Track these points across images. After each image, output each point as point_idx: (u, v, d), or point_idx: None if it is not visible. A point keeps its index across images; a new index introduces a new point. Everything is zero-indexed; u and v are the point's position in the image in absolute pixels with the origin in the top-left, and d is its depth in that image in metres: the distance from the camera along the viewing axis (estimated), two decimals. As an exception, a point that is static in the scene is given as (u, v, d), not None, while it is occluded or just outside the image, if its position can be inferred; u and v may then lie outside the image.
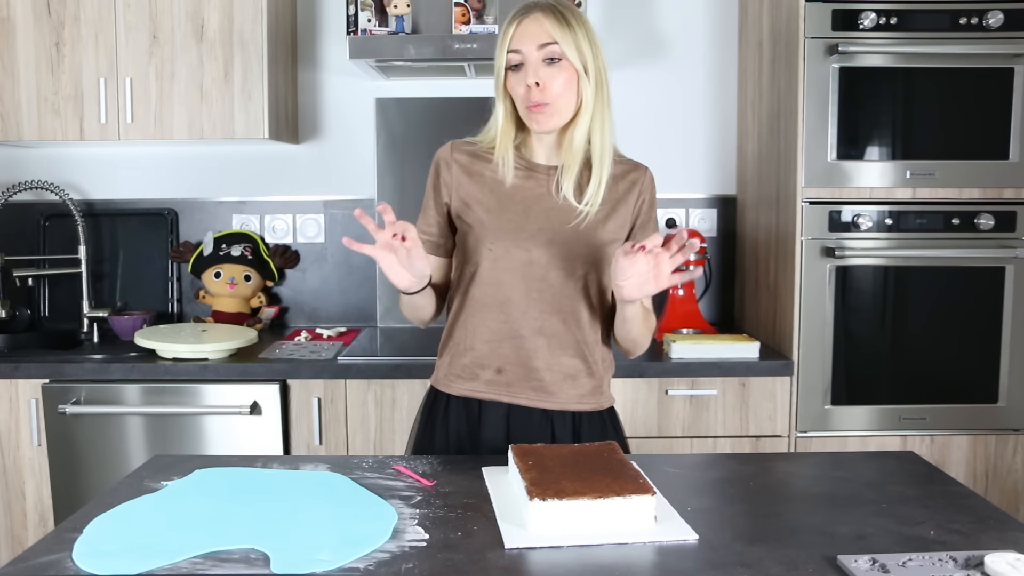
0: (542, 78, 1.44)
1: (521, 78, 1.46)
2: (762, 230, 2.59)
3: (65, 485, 2.31)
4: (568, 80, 1.45)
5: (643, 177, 1.57)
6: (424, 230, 1.60)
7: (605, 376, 1.59)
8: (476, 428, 1.54)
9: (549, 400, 1.53)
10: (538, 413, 1.53)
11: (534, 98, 1.45)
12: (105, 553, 1.08)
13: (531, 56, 1.44)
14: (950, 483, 1.35)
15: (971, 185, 2.31)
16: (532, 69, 1.44)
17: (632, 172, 1.56)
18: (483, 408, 1.54)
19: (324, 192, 2.89)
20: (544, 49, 1.44)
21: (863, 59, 2.27)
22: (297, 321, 2.92)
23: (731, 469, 1.43)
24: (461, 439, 1.55)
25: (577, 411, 1.55)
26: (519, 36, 1.45)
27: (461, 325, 1.55)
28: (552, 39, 1.43)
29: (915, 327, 2.33)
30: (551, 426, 1.54)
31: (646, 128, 2.84)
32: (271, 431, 2.29)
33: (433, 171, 1.59)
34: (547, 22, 1.44)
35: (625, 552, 1.09)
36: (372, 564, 1.05)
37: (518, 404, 1.53)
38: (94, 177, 2.88)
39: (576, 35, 1.45)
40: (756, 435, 2.33)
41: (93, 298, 2.76)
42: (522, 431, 1.53)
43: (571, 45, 1.44)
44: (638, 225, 1.57)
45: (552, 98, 1.45)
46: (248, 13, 2.48)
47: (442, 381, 1.59)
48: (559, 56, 1.44)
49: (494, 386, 1.53)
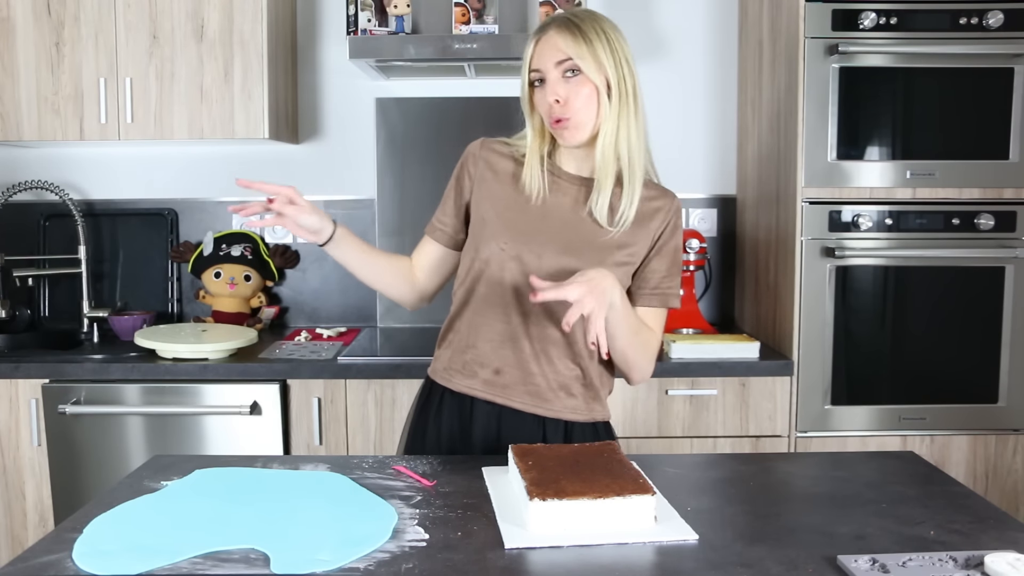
0: (562, 94, 1.44)
1: (543, 94, 1.47)
2: (762, 230, 2.59)
3: (65, 485, 2.31)
4: (590, 94, 1.45)
5: (669, 205, 1.54)
6: (441, 219, 1.61)
7: (601, 390, 1.58)
8: (468, 426, 1.54)
9: (542, 406, 1.53)
10: (530, 418, 1.53)
11: (555, 113, 1.46)
12: (105, 553, 1.08)
13: (550, 74, 1.45)
14: (950, 483, 1.35)
15: (971, 185, 2.31)
16: (552, 87, 1.45)
17: (658, 199, 1.53)
18: (476, 406, 1.54)
19: (324, 192, 2.89)
20: (561, 65, 1.44)
21: (863, 59, 2.27)
22: (297, 321, 2.92)
23: (731, 469, 1.43)
24: (453, 436, 1.55)
25: (569, 420, 1.54)
26: (538, 55, 1.47)
27: (465, 320, 1.55)
28: (566, 55, 1.44)
29: (915, 327, 2.33)
30: (543, 431, 1.53)
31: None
32: (271, 431, 2.29)
33: (460, 163, 1.60)
34: (560, 40, 1.44)
35: (625, 552, 1.09)
36: (372, 564, 1.05)
37: (511, 407, 1.53)
38: (94, 177, 2.88)
39: (594, 48, 1.44)
40: (756, 435, 2.33)
41: (93, 298, 2.76)
42: (513, 434, 1.52)
43: (588, 59, 1.43)
44: (653, 253, 1.53)
45: (572, 112, 1.45)
46: (248, 13, 2.48)
47: (440, 374, 1.59)
48: (577, 70, 1.44)
49: (491, 386, 1.53)
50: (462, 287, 1.56)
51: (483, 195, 1.55)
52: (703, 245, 2.59)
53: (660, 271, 1.54)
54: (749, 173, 2.72)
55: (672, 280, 1.55)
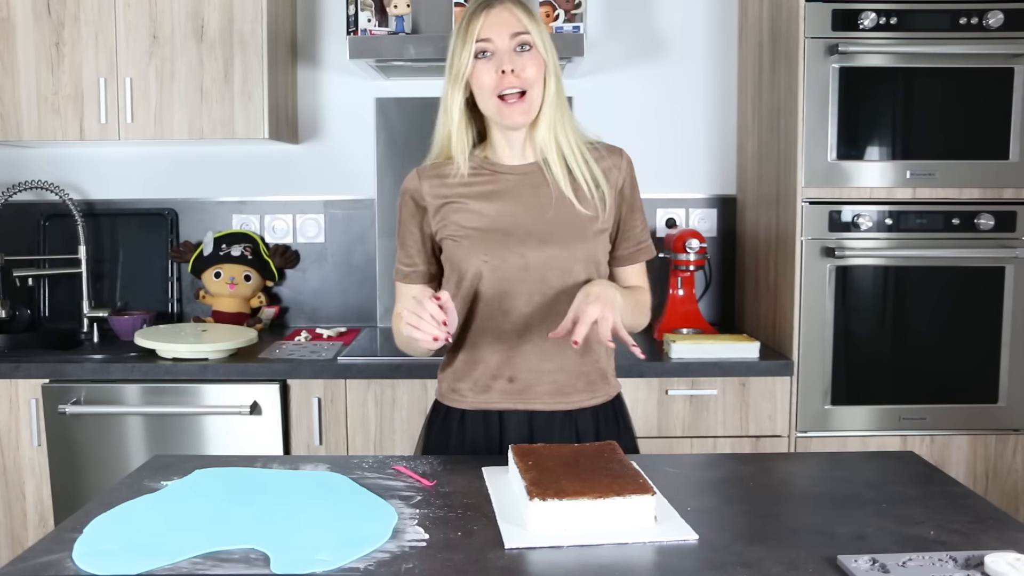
0: (517, 65, 1.44)
1: (490, 66, 1.44)
2: (762, 230, 2.59)
3: (65, 485, 2.31)
4: (539, 69, 1.46)
5: (621, 161, 1.56)
6: (406, 263, 1.58)
7: (609, 364, 1.59)
8: (497, 438, 1.52)
9: (563, 401, 1.52)
10: (559, 415, 1.53)
11: (508, 84, 1.43)
12: (105, 553, 1.08)
13: (502, 45, 1.44)
14: (950, 483, 1.35)
15: (971, 185, 2.31)
16: (507, 57, 1.44)
17: (607, 158, 1.55)
18: (503, 418, 1.53)
19: (324, 192, 2.89)
20: (516, 38, 1.44)
21: (863, 59, 2.27)
22: (297, 321, 2.92)
23: (731, 469, 1.43)
24: (479, 452, 1.53)
25: (594, 407, 1.55)
26: (489, 25, 1.44)
27: (466, 340, 1.53)
28: (525, 28, 1.45)
29: (915, 327, 2.33)
30: (574, 425, 1.53)
31: (646, 128, 2.84)
32: (271, 431, 2.29)
33: (408, 202, 1.56)
34: (518, 10, 1.45)
35: (625, 552, 1.09)
36: (372, 564, 1.05)
37: (536, 409, 1.52)
38: (94, 177, 2.88)
39: (541, 28, 1.47)
40: (756, 435, 2.33)
41: (93, 298, 2.76)
42: (545, 434, 1.52)
43: (538, 36, 1.46)
44: (625, 211, 1.56)
45: (528, 84, 1.44)
46: (248, 13, 2.48)
47: (451, 397, 1.56)
48: (531, 44, 1.45)
49: (509, 395, 1.52)
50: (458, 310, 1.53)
51: (445, 222, 1.52)
52: (703, 245, 2.59)
53: (637, 225, 1.59)
54: (749, 173, 2.72)
55: (646, 231, 1.62)
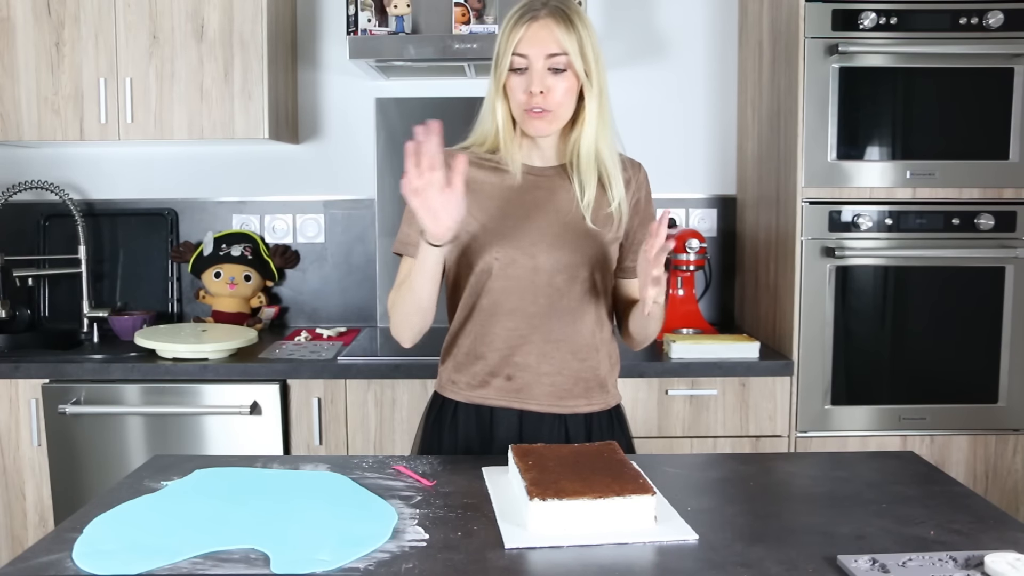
0: (547, 86, 1.43)
1: (523, 82, 1.44)
2: (762, 230, 2.59)
3: (65, 485, 2.31)
4: (569, 88, 1.45)
5: (638, 174, 1.58)
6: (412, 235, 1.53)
7: (611, 375, 1.59)
8: (488, 434, 1.53)
9: (559, 405, 1.53)
10: (550, 418, 1.53)
11: (535, 103, 1.43)
12: (105, 553, 1.08)
13: (537, 64, 1.43)
14: (950, 483, 1.35)
15: (971, 185, 2.31)
16: (538, 77, 1.43)
17: (628, 170, 1.57)
18: (495, 414, 1.54)
19: (324, 192, 2.89)
20: (552, 59, 1.42)
21: (863, 59, 2.27)
22: (297, 321, 2.92)
23: (731, 469, 1.43)
24: (471, 444, 1.54)
25: (587, 413, 1.55)
26: (527, 41, 1.42)
27: (468, 333, 1.54)
28: (562, 50, 1.42)
29: (915, 327, 2.33)
30: (564, 429, 1.54)
31: (646, 128, 2.84)
32: (271, 431, 2.29)
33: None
34: (557, 30, 1.42)
35: (625, 552, 1.09)
36: (372, 564, 1.05)
37: (530, 410, 1.53)
38: (94, 177, 2.88)
39: (582, 40, 1.43)
40: (756, 435, 2.33)
41: (93, 298, 2.76)
42: (535, 435, 1.53)
43: (577, 53, 1.43)
44: (638, 223, 1.57)
45: (554, 106, 1.44)
46: (248, 13, 2.48)
47: (449, 388, 1.57)
48: (565, 67, 1.43)
49: (504, 393, 1.52)
50: (460, 301, 1.55)
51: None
52: (703, 245, 2.59)
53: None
54: (749, 173, 2.72)
55: None
